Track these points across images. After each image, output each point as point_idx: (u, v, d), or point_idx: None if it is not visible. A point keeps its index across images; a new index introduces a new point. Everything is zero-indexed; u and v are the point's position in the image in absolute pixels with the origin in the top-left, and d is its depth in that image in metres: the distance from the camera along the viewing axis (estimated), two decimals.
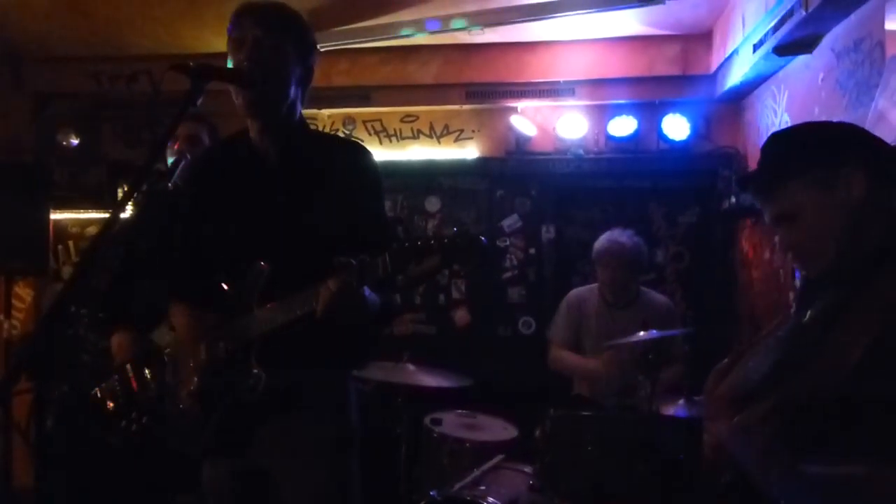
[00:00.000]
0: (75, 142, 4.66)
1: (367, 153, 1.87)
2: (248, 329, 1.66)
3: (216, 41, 4.11)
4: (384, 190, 1.91)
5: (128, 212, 2.45)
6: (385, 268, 1.46)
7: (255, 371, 1.65)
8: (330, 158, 1.80)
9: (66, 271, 4.80)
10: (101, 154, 4.83)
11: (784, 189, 1.33)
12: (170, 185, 2.54)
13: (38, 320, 4.49)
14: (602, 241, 3.48)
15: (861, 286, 1.30)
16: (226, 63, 1.73)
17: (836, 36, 2.91)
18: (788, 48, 3.09)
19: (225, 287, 1.71)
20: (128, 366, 1.84)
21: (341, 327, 1.63)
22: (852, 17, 2.75)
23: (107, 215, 1.28)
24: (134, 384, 1.81)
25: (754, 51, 3.33)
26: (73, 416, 3.27)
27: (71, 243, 4.86)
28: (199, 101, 1.39)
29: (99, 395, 1.88)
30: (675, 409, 2.93)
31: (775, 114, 3.71)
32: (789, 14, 2.86)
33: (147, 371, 1.81)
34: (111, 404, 1.84)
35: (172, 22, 3.97)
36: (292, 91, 1.73)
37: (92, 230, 4.82)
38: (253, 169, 1.78)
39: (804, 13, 2.73)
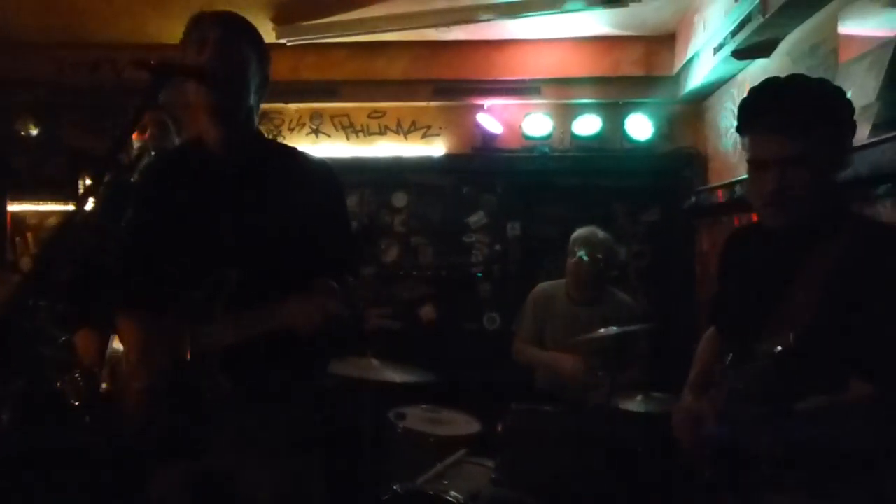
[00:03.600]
0: (34, 132, 4.57)
1: (327, 167, 1.84)
2: (215, 337, 1.64)
3: (181, 31, 4.06)
4: (351, 185, 1.91)
5: (89, 204, 2.42)
6: (375, 291, 1.51)
7: (221, 380, 1.63)
8: (290, 169, 1.78)
9: (24, 263, 4.71)
10: (61, 143, 4.73)
11: (807, 135, 1.44)
12: (132, 178, 2.52)
13: None
14: (580, 230, 3.50)
15: (810, 247, 1.49)
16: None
17: (793, 41, 2.99)
18: (747, 52, 3.16)
19: (187, 293, 1.69)
20: (95, 365, 1.82)
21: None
22: (807, 23, 2.83)
23: (68, 208, 1.28)
24: (100, 383, 1.80)
25: (714, 54, 3.41)
26: (30, 410, 3.22)
27: (29, 235, 4.76)
28: (161, 97, 1.39)
29: (63, 390, 1.86)
30: (634, 404, 2.99)
31: (734, 116, 3.78)
32: (748, 19, 2.93)
33: (112, 371, 1.80)
34: (75, 401, 1.83)
35: (136, 11, 3.92)
36: (251, 97, 1.72)
37: (51, 222, 4.73)
38: (210, 177, 1.75)
39: (762, 18, 2.80)
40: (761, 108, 1.50)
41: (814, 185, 1.46)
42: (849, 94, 1.56)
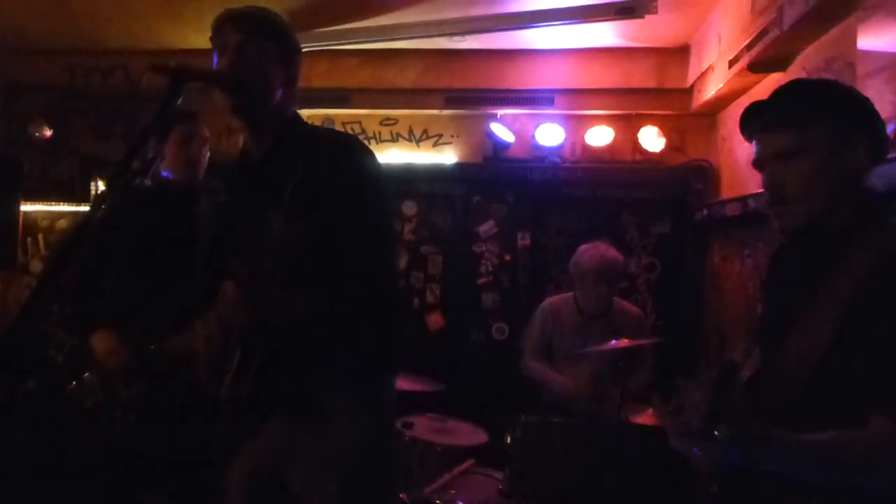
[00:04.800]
0: (47, 135, 4.61)
1: (352, 149, 1.75)
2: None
3: (194, 37, 4.09)
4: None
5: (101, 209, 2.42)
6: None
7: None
8: (312, 156, 1.71)
9: (35, 265, 4.74)
10: (72, 147, 4.78)
11: (798, 129, 1.39)
12: (145, 182, 2.53)
13: (12, 317, 4.41)
14: (589, 256, 3.39)
15: (829, 259, 1.37)
16: (205, 60, 1.71)
17: (809, 55, 2.97)
18: (762, 65, 3.14)
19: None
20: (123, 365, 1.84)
21: (353, 332, 1.64)
22: (825, 37, 2.81)
23: (79, 209, 1.28)
24: (126, 383, 1.81)
25: (729, 67, 3.39)
26: (39, 411, 3.23)
27: (40, 236, 4.78)
28: (179, 102, 1.39)
29: (79, 391, 1.87)
30: (644, 416, 2.96)
31: None
32: (764, 32, 2.92)
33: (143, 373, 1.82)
34: (91, 401, 1.84)
35: (150, 17, 3.93)
36: (278, 93, 1.71)
37: (62, 223, 4.76)
38: (243, 172, 1.78)
39: (779, 32, 2.79)
40: (755, 110, 1.48)
41: (814, 182, 1.37)
42: None
